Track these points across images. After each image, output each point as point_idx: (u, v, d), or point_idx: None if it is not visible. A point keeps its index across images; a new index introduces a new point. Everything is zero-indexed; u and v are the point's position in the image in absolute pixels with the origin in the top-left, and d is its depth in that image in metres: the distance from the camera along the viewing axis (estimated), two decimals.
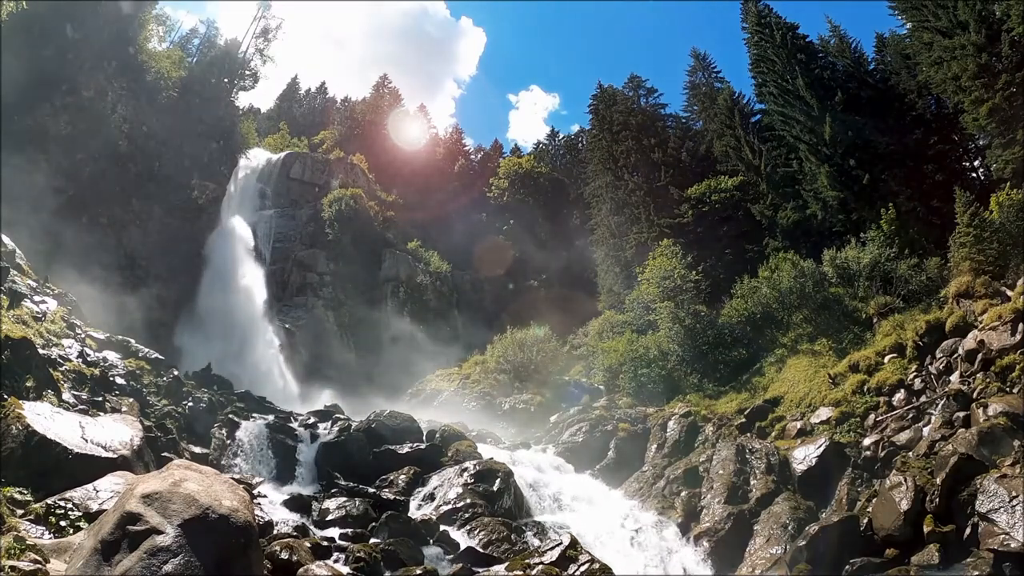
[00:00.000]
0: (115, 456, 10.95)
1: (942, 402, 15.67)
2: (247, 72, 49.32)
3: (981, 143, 29.37)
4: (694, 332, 25.87)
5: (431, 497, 15.55)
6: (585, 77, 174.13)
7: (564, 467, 19.73)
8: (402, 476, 16.42)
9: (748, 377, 23.33)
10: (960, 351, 16.68)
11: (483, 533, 13.58)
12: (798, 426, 18.54)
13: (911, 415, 16.31)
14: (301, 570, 9.77)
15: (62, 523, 8.88)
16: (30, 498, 9.29)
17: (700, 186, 38.22)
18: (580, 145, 63.78)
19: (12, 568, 6.83)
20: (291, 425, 18.81)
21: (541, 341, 32.41)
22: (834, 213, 29.42)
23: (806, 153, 31.11)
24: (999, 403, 13.76)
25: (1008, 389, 14.49)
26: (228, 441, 16.42)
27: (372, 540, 12.54)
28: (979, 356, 15.87)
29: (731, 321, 25.89)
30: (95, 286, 27.57)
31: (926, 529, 12.23)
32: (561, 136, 68.96)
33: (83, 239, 31.17)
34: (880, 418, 16.95)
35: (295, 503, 13.99)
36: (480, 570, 12.04)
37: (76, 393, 14.09)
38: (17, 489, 9.31)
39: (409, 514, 14.50)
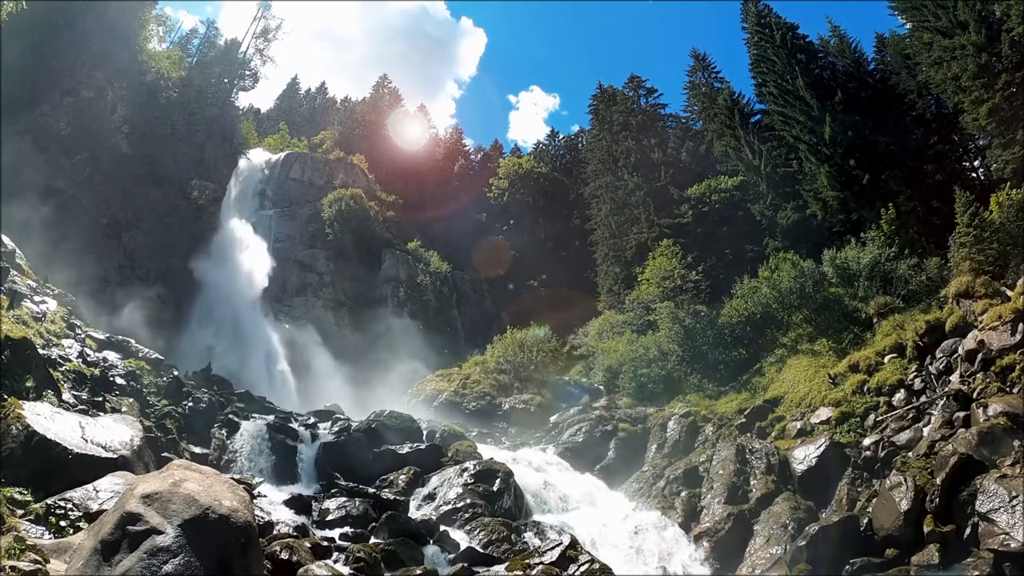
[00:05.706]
0: (115, 456, 10.94)
1: (942, 402, 15.66)
2: (247, 72, 49.29)
3: (981, 143, 29.38)
4: (694, 332, 25.87)
5: (431, 497, 15.57)
6: (585, 77, 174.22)
7: (564, 467, 19.75)
8: (402, 476, 16.44)
9: (748, 377, 23.33)
10: (960, 351, 16.66)
11: (483, 533, 13.59)
12: (798, 426, 18.53)
13: (911, 415, 16.30)
14: (301, 570, 9.77)
15: (62, 523, 8.87)
16: (30, 498, 9.28)
17: (700, 186, 38.23)
18: (580, 145, 63.62)
19: (12, 568, 6.82)
20: (291, 425, 18.78)
21: (541, 341, 32.43)
22: (834, 213, 29.38)
23: (806, 153, 31.09)
24: (999, 403, 13.74)
25: (1008, 389, 14.47)
26: (228, 441, 16.40)
27: (372, 540, 12.54)
28: (979, 356, 15.86)
29: (731, 321, 25.85)
30: (95, 286, 27.55)
31: (926, 529, 12.23)
32: (561, 136, 68.77)
33: (83, 239, 31.14)
34: (880, 418, 16.94)
35: (295, 503, 13.98)
36: (480, 570, 12.04)
37: (76, 393, 14.08)
38: (17, 489, 9.30)
39: (409, 514, 14.50)
